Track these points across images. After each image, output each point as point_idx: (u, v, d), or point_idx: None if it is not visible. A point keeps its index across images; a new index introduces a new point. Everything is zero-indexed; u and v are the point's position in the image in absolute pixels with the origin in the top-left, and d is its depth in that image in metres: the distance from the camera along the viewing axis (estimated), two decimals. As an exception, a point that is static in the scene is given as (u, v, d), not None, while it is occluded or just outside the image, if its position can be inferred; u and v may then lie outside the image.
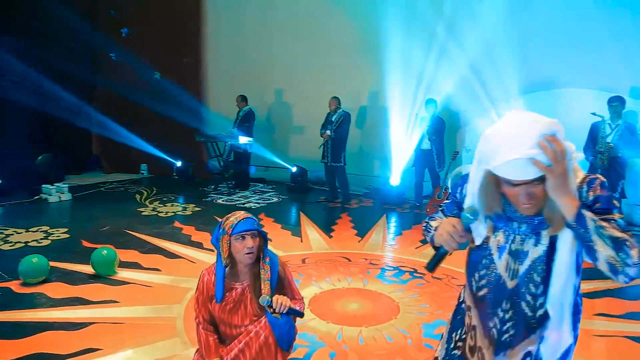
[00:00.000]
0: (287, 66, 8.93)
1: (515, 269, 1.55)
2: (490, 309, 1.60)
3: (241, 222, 2.34)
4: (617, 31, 6.12)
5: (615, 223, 1.37)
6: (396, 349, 3.18)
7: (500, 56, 6.76)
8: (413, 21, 7.47)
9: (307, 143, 8.85)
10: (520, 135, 1.35)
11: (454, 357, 1.76)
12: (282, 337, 2.38)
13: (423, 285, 4.31)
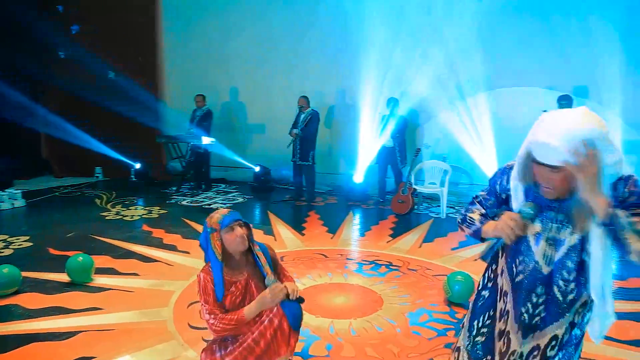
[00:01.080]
0: (249, 65, 8.95)
1: (551, 256, 1.70)
2: (525, 294, 1.75)
3: (227, 216, 2.46)
4: (567, 35, 6.58)
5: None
6: (387, 337, 3.33)
7: (461, 56, 7.10)
8: (379, 20, 7.67)
9: (270, 142, 8.92)
10: (566, 130, 1.51)
11: (477, 344, 1.89)
12: (296, 318, 2.48)
13: (401, 277, 4.49)
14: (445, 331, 3.44)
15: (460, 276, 3.93)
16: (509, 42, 6.97)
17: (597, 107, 6.48)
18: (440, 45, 7.26)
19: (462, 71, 7.28)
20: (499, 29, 6.99)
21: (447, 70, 7.33)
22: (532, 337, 1.76)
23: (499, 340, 1.84)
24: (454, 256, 5.16)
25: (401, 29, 7.43)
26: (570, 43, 6.59)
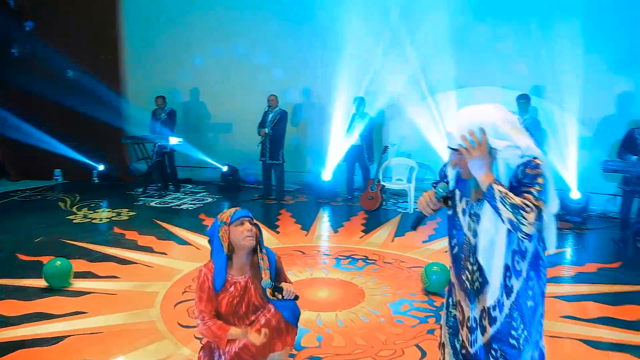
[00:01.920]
0: (214, 64, 8.91)
1: (474, 229, 1.93)
2: (462, 264, 1.99)
3: (238, 211, 2.57)
4: (528, 37, 6.97)
5: (530, 194, 1.75)
6: (373, 326, 3.50)
7: (425, 56, 7.36)
8: (345, 20, 7.83)
9: (236, 141, 8.93)
10: (460, 120, 1.84)
11: (451, 320, 2.13)
12: (295, 314, 2.59)
13: (378, 270, 4.67)
14: (426, 318, 3.64)
15: (436, 267, 4.15)
16: (474, 43, 7.27)
17: (552, 106, 6.93)
18: (407, 46, 7.50)
19: (427, 71, 7.56)
20: (466, 31, 7.26)
21: (413, 70, 7.58)
22: (477, 300, 1.98)
23: (457, 311, 2.07)
24: (425, 249, 5.39)
25: (368, 29, 7.61)
26: (530, 45, 6.97)
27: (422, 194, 2.05)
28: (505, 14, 7.08)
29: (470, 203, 1.95)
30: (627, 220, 5.87)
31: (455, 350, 2.09)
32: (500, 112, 1.84)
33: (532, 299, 1.94)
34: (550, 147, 6.63)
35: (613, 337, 3.34)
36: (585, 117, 6.67)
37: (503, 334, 1.93)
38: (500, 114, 1.83)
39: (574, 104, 6.56)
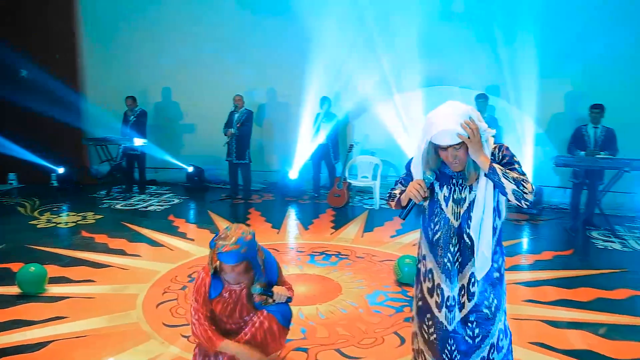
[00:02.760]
0: (179, 64, 8.82)
1: (458, 212, 2.16)
2: (444, 248, 2.20)
3: (224, 254, 2.45)
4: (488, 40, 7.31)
5: (516, 170, 2.06)
6: (353, 317, 3.67)
7: (391, 58, 7.61)
8: (310, 20, 7.94)
9: (201, 142, 8.91)
10: (451, 114, 2.01)
11: (419, 309, 2.33)
12: (286, 317, 2.71)
13: (352, 265, 4.86)
14: (402, 307, 3.85)
15: (408, 259, 4.36)
16: (437, 45, 7.51)
17: (506, 105, 7.33)
18: (373, 46, 7.71)
19: (392, 71, 7.79)
20: (430, 33, 7.48)
21: (378, 70, 7.81)
22: (457, 279, 2.20)
23: (430, 296, 2.26)
24: (394, 243, 5.63)
25: (334, 30, 7.75)
26: (488, 47, 7.32)
27: (410, 184, 2.18)
28: (466, 17, 7.40)
29: (454, 189, 2.16)
30: (577, 211, 6.33)
31: (425, 338, 2.31)
32: (467, 106, 2.08)
33: (499, 270, 2.21)
34: (507, 144, 7.01)
35: (570, 316, 3.66)
36: (538, 115, 7.10)
37: (478, 306, 2.18)
38: (468, 107, 2.08)
39: (528, 103, 6.97)
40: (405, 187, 2.27)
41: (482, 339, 2.20)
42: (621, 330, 3.46)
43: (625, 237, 5.85)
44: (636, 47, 6.74)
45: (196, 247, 5.33)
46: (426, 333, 2.29)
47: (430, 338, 2.27)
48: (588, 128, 6.23)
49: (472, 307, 2.19)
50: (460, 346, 2.20)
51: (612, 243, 5.64)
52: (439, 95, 7.61)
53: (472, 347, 2.20)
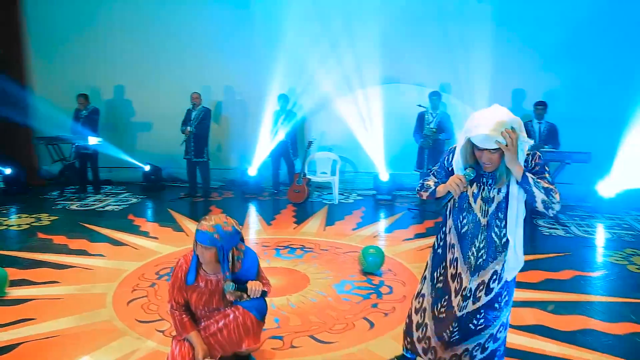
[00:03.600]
0: (131, 62, 8.68)
1: (486, 210, 2.33)
2: (470, 241, 2.37)
3: (200, 233, 2.56)
4: (431, 38, 7.61)
5: (545, 180, 2.23)
6: (323, 306, 3.82)
7: (346, 55, 7.79)
8: (266, 17, 8.03)
9: (157, 140, 8.79)
10: (494, 120, 2.13)
11: (438, 290, 2.51)
12: (262, 311, 2.81)
13: (317, 257, 5.01)
14: (369, 295, 4.04)
15: (372, 249, 4.57)
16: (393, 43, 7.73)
17: (457, 102, 7.69)
18: (330, 45, 7.88)
19: (349, 69, 7.99)
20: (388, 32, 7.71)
21: (336, 67, 7.98)
22: (477, 275, 2.39)
23: (452, 282, 2.45)
24: (355, 235, 5.83)
25: (293, 26, 7.86)
26: (441, 46, 7.64)
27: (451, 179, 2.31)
28: (423, 17, 7.65)
29: (484, 188, 2.32)
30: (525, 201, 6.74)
31: (434, 315, 2.51)
32: (512, 115, 2.21)
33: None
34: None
35: (522, 296, 3.96)
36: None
37: (492, 301, 2.37)
38: (514, 116, 2.20)
39: (478, 100, 7.35)
40: (438, 179, 2.44)
41: (484, 328, 2.41)
42: (567, 306, 3.80)
43: (568, 224, 6.32)
44: (574, 49, 7.25)
45: (161, 245, 5.32)
46: (437, 311, 2.48)
47: (440, 316, 2.47)
48: (533, 123, 6.68)
49: (486, 302, 2.38)
50: (462, 330, 2.42)
51: (557, 230, 6.08)
52: (396, 92, 7.91)
53: (472, 333, 2.42)
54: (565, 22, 7.21)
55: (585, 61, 7.24)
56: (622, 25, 7.06)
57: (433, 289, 2.55)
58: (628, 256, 5.06)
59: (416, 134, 7.14)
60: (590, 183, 6.87)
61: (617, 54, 7.10)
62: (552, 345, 3.19)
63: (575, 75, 7.26)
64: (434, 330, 2.53)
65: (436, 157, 6.95)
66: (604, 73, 7.15)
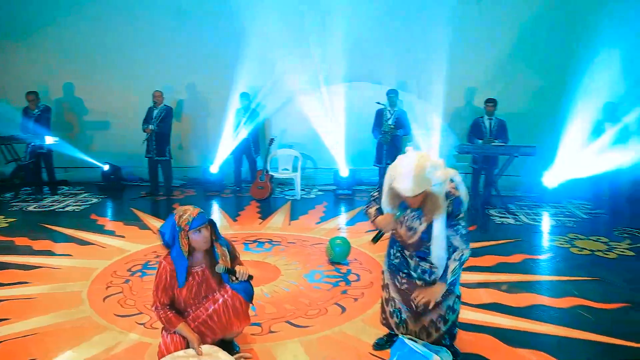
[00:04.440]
0: (82, 58, 8.52)
1: (410, 235, 2.72)
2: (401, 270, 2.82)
3: (195, 219, 2.75)
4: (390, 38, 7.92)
5: (457, 234, 2.64)
6: (296, 294, 4.02)
7: (307, 54, 7.98)
8: (228, 14, 8.05)
9: (116, 139, 8.68)
10: (410, 176, 2.47)
11: (394, 262, 2.88)
12: (249, 293, 2.97)
13: (285, 250, 5.19)
14: (337, 282, 4.26)
15: (339, 240, 4.80)
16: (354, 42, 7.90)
17: (415, 100, 8.03)
18: (293, 43, 8.02)
19: (310, 67, 8.18)
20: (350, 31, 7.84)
21: (296, 67, 8.15)
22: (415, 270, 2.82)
23: (409, 258, 2.83)
24: (320, 228, 6.05)
25: (255, 23, 7.96)
26: (402, 46, 7.95)
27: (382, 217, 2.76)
28: (385, 16, 7.89)
29: (407, 218, 2.73)
30: (477, 193, 7.19)
31: (397, 287, 2.88)
32: (429, 156, 2.56)
33: None
34: (415, 135, 7.76)
35: (479, 278, 4.31)
36: (442, 108, 7.89)
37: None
38: (429, 157, 2.55)
39: (434, 98, 7.74)
40: (378, 205, 2.80)
41: (442, 300, 2.74)
42: (518, 286, 4.17)
43: (517, 213, 6.80)
44: (521, 50, 7.76)
45: (129, 244, 5.34)
46: (399, 283, 2.84)
47: (402, 287, 2.83)
48: (484, 119, 7.12)
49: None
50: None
51: (507, 219, 6.54)
52: (355, 90, 8.17)
53: (434, 304, 2.72)
54: (514, 25, 7.70)
55: (530, 61, 7.75)
56: (562, 28, 7.59)
57: (391, 264, 2.91)
58: (571, 240, 5.54)
59: (375, 131, 7.44)
60: (536, 174, 7.38)
61: (558, 54, 7.64)
62: (507, 320, 3.53)
63: (522, 74, 7.75)
64: (402, 301, 2.87)
65: (394, 153, 7.29)
66: (547, 72, 7.69)
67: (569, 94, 7.35)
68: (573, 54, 7.47)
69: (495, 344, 3.19)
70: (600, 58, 7.13)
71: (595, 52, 7.15)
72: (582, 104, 7.17)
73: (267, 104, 8.50)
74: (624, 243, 5.41)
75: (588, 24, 7.27)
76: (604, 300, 3.86)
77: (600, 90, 7.08)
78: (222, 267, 2.86)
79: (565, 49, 7.58)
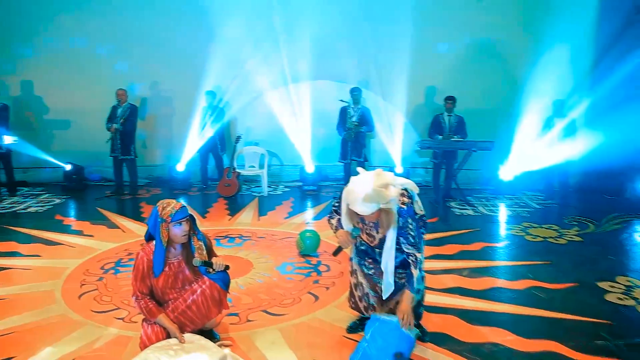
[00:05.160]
0: (41, 56, 8.34)
1: (371, 240, 2.97)
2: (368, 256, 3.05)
3: (178, 212, 2.88)
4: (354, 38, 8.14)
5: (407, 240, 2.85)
6: (269, 285, 4.16)
7: (274, 52, 8.09)
8: (192, 12, 8.08)
9: (78, 138, 8.54)
10: (361, 199, 2.65)
11: (361, 249, 3.12)
12: (226, 282, 3.11)
13: (256, 244, 5.31)
14: (309, 273, 4.43)
15: (309, 233, 4.97)
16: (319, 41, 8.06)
17: (378, 98, 8.28)
18: (257, 42, 8.12)
19: (274, 66, 8.29)
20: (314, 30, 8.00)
21: (261, 65, 8.24)
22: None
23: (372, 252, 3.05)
24: (289, 223, 6.20)
25: (219, 21, 8.00)
26: (364, 46, 8.18)
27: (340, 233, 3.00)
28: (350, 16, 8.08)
29: (365, 227, 2.97)
30: (438, 186, 7.52)
31: (365, 273, 3.10)
32: (381, 177, 2.72)
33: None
34: (379, 131, 8.02)
35: (442, 266, 4.58)
36: (404, 106, 8.19)
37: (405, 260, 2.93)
38: (381, 178, 2.71)
39: (396, 96, 8.02)
40: (339, 217, 3.00)
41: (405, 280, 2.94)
42: (478, 271, 4.46)
43: (476, 205, 7.16)
44: (479, 50, 8.15)
45: (99, 242, 5.34)
46: (366, 268, 3.06)
47: (369, 272, 3.06)
48: (444, 116, 7.45)
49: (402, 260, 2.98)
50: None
51: (467, 210, 6.88)
52: (321, 88, 8.35)
53: (398, 286, 2.96)
54: (470, 26, 8.06)
55: (486, 61, 8.13)
56: (514, 28, 8.00)
57: (358, 251, 3.14)
58: (525, 229, 5.91)
59: (339, 128, 7.65)
60: (494, 168, 7.78)
61: (511, 53, 8.06)
62: (469, 302, 3.80)
63: (479, 73, 8.12)
64: (369, 286, 3.10)
65: (358, 149, 7.54)
66: (501, 71, 8.09)
67: (521, 91, 7.78)
68: (525, 53, 7.90)
69: (459, 323, 3.44)
70: (549, 56, 7.58)
71: (544, 51, 7.60)
72: (534, 101, 7.62)
73: (233, 102, 8.56)
74: (572, 230, 5.83)
75: (537, 23, 7.70)
76: (554, 281, 4.20)
77: (550, 87, 7.55)
78: (199, 261, 2.99)
79: (517, 48, 7.99)
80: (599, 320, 3.48)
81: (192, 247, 3.03)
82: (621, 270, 4.52)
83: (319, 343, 3.21)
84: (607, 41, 7.48)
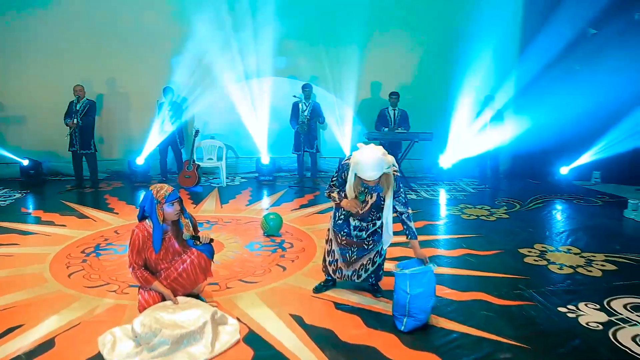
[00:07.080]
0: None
1: (364, 206, 3.51)
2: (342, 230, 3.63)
3: (170, 194, 3.42)
4: (307, 37, 8.67)
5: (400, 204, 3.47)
6: (242, 260, 4.69)
7: (229, 50, 8.49)
8: (148, 7, 8.34)
9: (35, 134, 8.62)
10: (374, 165, 3.19)
11: (338, 222, 3.64)
12: (211, 252, 3.63)
13: (223, 228, 5.80)
14: (275, 250, 4.99)
15: (272, 215, 5.53)
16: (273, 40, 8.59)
17: (328, 93, 8.90)
18: (215, 39, 8.49)
19: (231, 63, 8.70)
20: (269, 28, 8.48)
21: (217, 63, 8.63)
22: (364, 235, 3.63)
23: (351, 220, 3.59)
24: (250, 209, 6.72)
25: (176, 17, 8.34)
26: (315, 44, 8.75)
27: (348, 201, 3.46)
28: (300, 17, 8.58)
29: (368, 190, 3.45)
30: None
31: (339, 242, 3.69)
32: (382, 149, 3.29)
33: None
34: (330, 124, 8.66)
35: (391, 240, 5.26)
36: (352, 100, 8.86)
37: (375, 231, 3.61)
38: (382, 150, 3.26)
39: (344, 91, 8.68)
40: (340, 189, 3.52)
41: (373, 247, 3.64)
42: (421, 244, 5.04)
43: (418, 190, 7.96)
44: (420, 49, 8.92)
45: (73, 231, 5.64)
46: (340, 239, 3.65)
47: (342, 243, 3.65)
48: (389, 110, 8.20)
49: (372, 231, 3.63)
50: (358, 250, 3.66)
51: (410, 195, 7.65)
52: (275, 84, 8.85)
53: (365, 251, 3.64)
54: (422, 26, 8.78)
55: (426, 59, 8.93)
56: (450, 30, 8.82)
57: (335, 224, 3.71)
58: (461, 209, 6.75)
59: (292, 121, 8.22)
60: (434, 157, 8.62)
61: (446, 52, 8.89)
62: (414, 266, 4.49)
63: (420, 70, 8.92)
64: (340, 254, 3.68)
65: (311, 141, 8.15)
66: (438, 69, 8.89)
67: (456, 87, 8.64)
68: (456, 51, 8.71)
69: (406, 282, 4.12)
70: (477, 53, 8.45)
71: (474, 49, 8.46)
72: (467, 95, 8.51)
73: (191, 97, 8.90)
74: (501, 209, 6.73)
75: (468, 23, 8.44)
76: (484, 249, 5.00)
77: (480, 80, 8.44)
78: (188, 235, 3.52)
79: (450, 47, 8.81)
80: (518, 276, 4.29)
81: (180, 224, 3.54)
82: (539, 240, 5.39)
83: (292, 301, 3.79)
84: (532, 28, 8.25)
